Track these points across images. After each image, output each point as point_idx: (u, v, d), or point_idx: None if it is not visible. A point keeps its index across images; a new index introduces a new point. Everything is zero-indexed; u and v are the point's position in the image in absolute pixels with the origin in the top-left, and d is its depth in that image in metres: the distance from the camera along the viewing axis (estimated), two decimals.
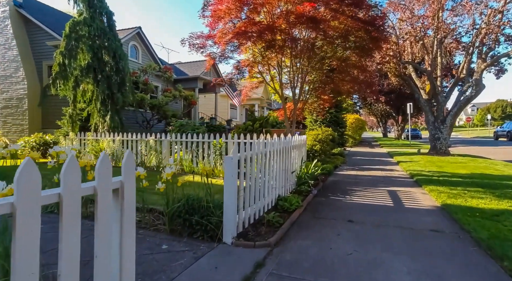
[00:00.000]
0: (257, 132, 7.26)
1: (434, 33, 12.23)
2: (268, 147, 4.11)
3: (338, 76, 7.60)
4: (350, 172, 8.46)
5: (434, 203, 4.84)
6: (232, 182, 2.99)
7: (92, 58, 9.10)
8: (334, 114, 14.22)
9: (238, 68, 7.99)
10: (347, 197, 5.27)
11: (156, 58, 15.83)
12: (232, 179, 2.99)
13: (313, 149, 9.41)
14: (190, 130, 8.17)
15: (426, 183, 6.40)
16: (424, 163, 10.17)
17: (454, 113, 12.39)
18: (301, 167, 6.03)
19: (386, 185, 6.43)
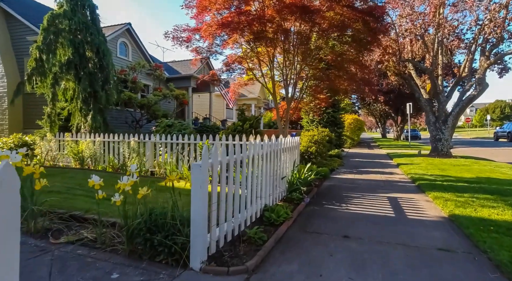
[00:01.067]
0: (247, 134, 6.73)
1: (435, 30, 11.74)
2: (251, 150, 3.58)
3: (334, 73, 7.06)
4: (347, 176, 7.94)
5: (441, 213, 4.32)
6: (202, 194, 2.45)
7: (73, 54, 8.54)
8: (332, 115, 13.71)
9: (228, 65, 7.45)
10: (343, 206, 4.74)
11: (147, 56, 15.28)
12: (201, 191, 2.45)
13: (308, 151, 8.90)
14: (176, 131, 7.63)
15: (430, 188, 5.88)
16: (426, 165, 9.66)
17: (456, 113, 11.90)
18: (293, 171, 5.50)
19: (386, 191, 5.91)
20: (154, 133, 7.40)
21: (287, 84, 7.14)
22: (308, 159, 8.96)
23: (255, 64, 7.44)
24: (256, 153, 3.75)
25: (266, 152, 4.09)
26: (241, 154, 3.31)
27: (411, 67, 13.85)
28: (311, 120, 13.97)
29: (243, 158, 3.35)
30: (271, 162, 4.28)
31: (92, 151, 7.44)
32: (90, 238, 2.93)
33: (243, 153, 3.35)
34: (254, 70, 7.61)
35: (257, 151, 3.79)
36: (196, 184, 2.45)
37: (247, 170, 3.44)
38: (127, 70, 12.45)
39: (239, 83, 7.95)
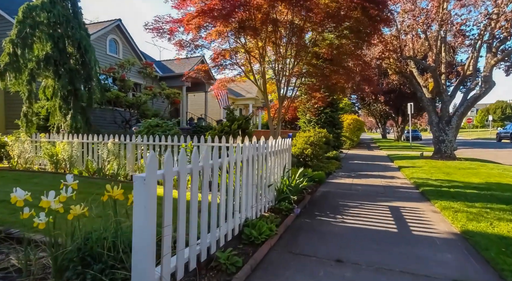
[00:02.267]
0: (234, 135, 6.15)
1: (439, 26, 11.15)
2: (226, 156, 3.00)
3: (330, 68, 6.45)
4: (345, 180, 7.35)
5: (451, 228, 3.73)
6: (147, 216, 1.87)
7: (53, 49, 7.96)
8: (330, 114, 13.13)
9: (214, 60, 6.85)
10: (338, 218, 4.15)
11: (139, 53, 14.70)
12: (145, 211, 1.86)
13: (303, 153, 8.32)
14: (160, 131, 7.05)
15: (436, 196, 5.29)
16: (429, 168, 9.07)
17: (461, 113, 11.31)
18: (283, 177, 4.92)
19: (387, 198, 5.32)
20: (136, 134, 6.83)
21: (279, 81, 6.55)
22: (304, 161, 8.39)
23: (241, 59, 6.84)
24: (234, 159, 3.17)
25: (248, 157, 3.51)
26: (211, 161, 2.73)
27: (413, 65, 13.27)
28: (308, 120, 13.38)
29: (214, 166, 2.77)
30: (254, 168, 3.70)
31: (69, 153, 6.86)
32: (18, 267, 2.34)
33: (214, 160, 2.77)
34: (243, 67, 7.01)
35: (236, 156, 3.21)
36: (139, 204, 1.87)
37: (219, 179, 2.86)
38: (116, 68, 11.87)
39: (225, 80, 7.35)
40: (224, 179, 2.95)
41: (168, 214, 2.08)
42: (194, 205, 2.45)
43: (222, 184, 2.91)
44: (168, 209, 2.09)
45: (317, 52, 6.38)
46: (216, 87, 7.60)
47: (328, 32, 6.21)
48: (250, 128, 6.70)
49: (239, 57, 6.72)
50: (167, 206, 2.07)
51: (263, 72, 6.65)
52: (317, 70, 6.47)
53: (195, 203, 2.46)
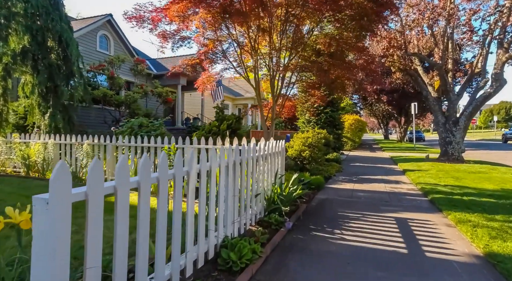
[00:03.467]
0: (223, 136, 5.57)
1: (446, 21, 10.52)
2: (195, 163, 2.41)
3: (329, 61, 5.82)
4: (345, 185, 6.75)
5: (471, 248, 3.12)
6: (53, 255, 1.28)
7: (30, 42, 7.41)
8: (330, 114, 12.51)
9: (201, 53, 6.25)
10: (337, 233, 3.55)
11: (132, 50, 14.15)
12: (49, 248, 1.27)
13: (301, 156, 7.72)
14: (144, 132, 6.47)
15: (448, 205, 4.68)
16: (436, 172, 8.45)
17: (469, 113, 10.66)
18: (274, 184, 4.32)
19: (392, 208, 4.71)
20: (116, 134, 6.25)
21: (273, 76, 5.95)
22: (301, 164, 7.79)
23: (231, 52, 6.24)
24: (206, 167, 2.58)
25: (228, 163, 2.92)
26: (171, 171, 2.14)
27: (418, 63, 12.63)
28: (307, 120, 12.78)
29: (176, 177, 2.18)
30: (237, 177, 3.11)
31: (43, 155, 6.29)
32: None
33: (176, 169, 2.18)
34: (233, 60, 6.41)
35: (208, 164, 2.62)
36: (40, 237, 1.27)
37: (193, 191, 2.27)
38: (106, 64, 11.30)
39: (210, 74, 6.73)
40: (191, 193, 2.35)
41: (93, 247, 1.48)
42: (143, 229, 1.85)
43: (188, 198, 2.31)
44: (94, 241, 1.49)
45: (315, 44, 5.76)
46: (200, 83, 6.95)
47: (327, 22, 5.60)
48: (242, 128, 6.12)
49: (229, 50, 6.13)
50: (91, 236, 1.47)
51: (255, 65, 6.03)
52: (314, 64, 5.81)
53: (145, 227, 1.86)
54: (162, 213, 2.02)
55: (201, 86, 6.99)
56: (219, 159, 2.78)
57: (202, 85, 6.93)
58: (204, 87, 6.96)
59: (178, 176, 2.19)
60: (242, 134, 6.03)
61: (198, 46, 6.12)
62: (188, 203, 2.32)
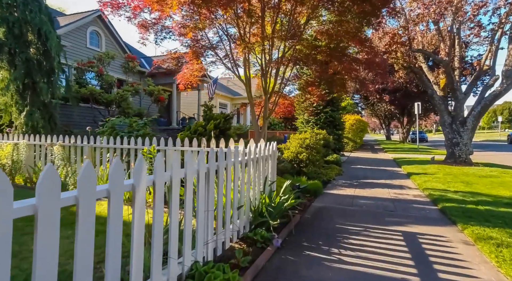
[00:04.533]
0: (210, 137, 5.01)
1: (453, 15, 9.93)
2: (145, 174, 1.85)
3: (325, 51, 5.21)
4: (345, 191, 6.17)
5: (500, 277, 2.54)
6: None
7: (7, 35, 6.89)
8: (330, 114, 11.93)
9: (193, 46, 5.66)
10: (334, 253, 2.98)
11: (124, 48, 13.61)
12: None
13: (298, 158, 7.16)
14: (126, 131, 5.92)
15: (462, 217, 4.10)
16: (444, 176, 7.86)
17: (477, 113, 10.06)
18: (263, 193, 3.75)
19: (398, 219, 4.14)
20: (97, 134, 5.71)
21: (265, 70, 5.36)
22: (298, 167, 7.23)
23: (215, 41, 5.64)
24: (164, 178, 2.02)
25: (198, 171, 2.36)
26: (130, 181, 1.61)
27: (422, 60, 12.04)
28: (306, 120, 12.20)
29: (136, 188, 1.63)
30: (211, 187, 2.54)
31: (15, 158, 5.76)
32: None
33: (135, 179, 1.63)
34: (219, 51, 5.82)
35: (168, 174, 2.06)
36: None
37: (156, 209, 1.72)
38: (95, 61, 10.77)
39: (193, 69, 6.11)
40: (138, 210, 1.79)
41: None
42: (113, 249, 1.28)
43: (134, 219, 1.75)
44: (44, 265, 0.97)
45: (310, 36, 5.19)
46: (181, 78, 6.32)
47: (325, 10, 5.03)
48: (231, 129, 5.56)
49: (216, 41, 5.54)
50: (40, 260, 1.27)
51: (245, 57, 5.43)
52: (310, 56, 5.20)
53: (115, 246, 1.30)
54: (113, 237, 1.46)
55: (182, 82, 6.37)
56: (185, 168, 2.22)
57: (184, 81, 6.30)
58: (187, 83, 6.34)
59: (140, 188, 1.64)
60: (232, 135, 5.48)
61: (176, 34, 5.51)
62: (134, 230, 1.75)
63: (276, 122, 27.37)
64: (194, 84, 6.37)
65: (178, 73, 6.38)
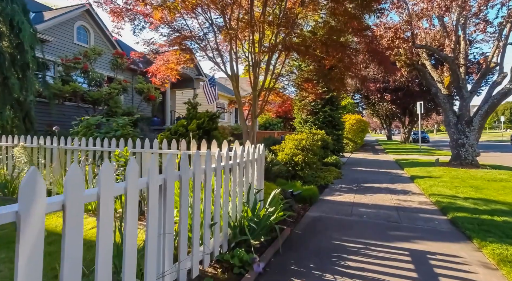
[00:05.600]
0: (193, 138, 4.46)
1: (460, 8, 9.37)
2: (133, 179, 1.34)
3: (321, 40, 4.61)
4: (344, 196, 5.62)
5: None
6: None
7: None
8: (329, 113, 11.37)
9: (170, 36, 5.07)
10: (328, 280, 2.43)
11: (115, 44, 13.06)
12: None
13: (293, 161, 6.60)
14: (103, 132, 5.38)
15: (477, 230, 3.56)
16: (450, 180, 7.30)
17: (484, 112, 9.50)
18: (247, 204, 3.20)
19: (403, 233, 3.59)
20: (71, 134, 5.16)
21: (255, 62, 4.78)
22: (293, 171, 6.68)
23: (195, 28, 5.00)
24: (99, 195, 1.48)
25: (147, 184, 1.82)
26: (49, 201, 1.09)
27: (426, 57, 11.48)
28: (304, 120, 11.65)
29: (100, 198, 1.11)
30: (167, 204, 2.00)
31: None
32: None
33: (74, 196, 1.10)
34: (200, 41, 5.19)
35: (96, 190, 1.51)
36: None
37: None
38: (81, 58, 10.23)
39: (168, 60, 5.47)
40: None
41: None
42: None
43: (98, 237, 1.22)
44: None
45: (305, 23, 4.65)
46: (154, 70, 5.65)
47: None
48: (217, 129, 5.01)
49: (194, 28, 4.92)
50: None
51: (231, 47, 4.82)
52: (302, 45, 4.61)
53: None
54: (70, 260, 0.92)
55: (159, 76, 5.73)
56: (127, 180, 1.67)
57: (160, 75, 5.65)
58: (164, 78, 5.71)
59: (106, 199, 1.10)
60: (218, 137, 4.93)
61: (143, 17, 4.90)
62: (99, 248, 1.21)
63: (275, 122, 26.79)
64: (173, 79, 5.78)
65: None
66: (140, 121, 11.16)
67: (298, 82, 6.31)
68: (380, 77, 22.64)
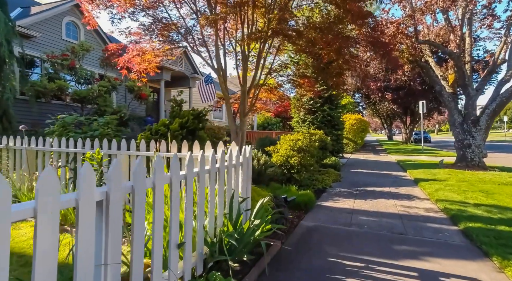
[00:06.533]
0: (175, 139, 4.00)
1: (465, 1, 8.90)
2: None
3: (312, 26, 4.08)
4: (343, 202, 5.16)
5: None
6: None
7: None
8: (328, 112, 10.90)
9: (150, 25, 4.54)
10: None
11: (106, 40, 12.59)
12: None
13: (288, 163, 6.15)
14: (79, 132, 4.93)
15: (495, 245, 3.10)
16: (457, 183, 6.84)
17: (492, 111, 9.03)
18: (229, 215, 2.74)
19: (410, 248, 3.13)
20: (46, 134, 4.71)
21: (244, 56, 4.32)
22: (288, 174, 6.22)
23: None
24: None
25: (79, 201, 1.36)
26: None
27: (429, 54, 11.01)
28: (302, 119, 11.19)
29: None
30: (112, 223, 1.54)
31: None
32: None
33: None
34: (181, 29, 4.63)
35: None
36: None
37: None
38: (69, 54, 9.77)
39: (141, 51, 4.86)
40: None
41: None
42: None
43: None
44: None
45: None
46: (124, 62, 5.07)
47: None
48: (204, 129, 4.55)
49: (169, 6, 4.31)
50: None
51: (216, 32, 4.31)
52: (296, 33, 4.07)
53: None
54: None
55: (134, 69, 5.13)
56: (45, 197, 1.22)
57: (135, 68, 5.06)
58: (141, 72, 5.13)
59: None
60: (204, 137, 4.47)
61: None
62: None
63: (274, 122, 26.31)
64: (152, 73, 5.29)
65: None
66: (131, 121, 10.72)
67: (293, 78, 5.85)
68: (381, 75, 22.18)
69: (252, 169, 5.78)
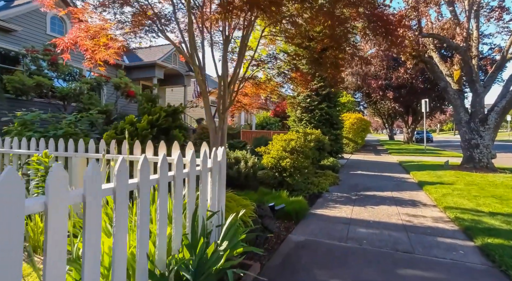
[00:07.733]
0: (144, 139, 3.43)
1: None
2: None
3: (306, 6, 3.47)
4: (340, 210, 4.57)
5: None
6: None
7: None
8: (326, 111, 10.30)
9: None
10: None
11: None
12: None
13: (280, 165, 5.57)
14: (39, 131, 4.36)
15: None
16: (466, 187, 6.25)
17: (502, 108, 8.42)
18: (188, 236, 2.15)
19: (419, 272, 2.56)
20: (5, 133, 4.16)
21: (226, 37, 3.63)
22: (280, 177, 5.64)
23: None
24: None
25: None
26: None
27: (434, 48, 10.40)
28: (298, 118, 10.60)
29: None
30: None
31: None
32: None
33: None
34: None
35: None
36: None
37: None
38: (52, 49, 9.21)
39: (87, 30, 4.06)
40: None
41: None
42: None
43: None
44: None
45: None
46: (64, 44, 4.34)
47: None
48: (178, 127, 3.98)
49: None
50: None
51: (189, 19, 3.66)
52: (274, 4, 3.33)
53: None
54: None
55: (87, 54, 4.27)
56: None
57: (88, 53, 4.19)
58: (95, 59, 4.30)
59: None
60: (179, 137, 3.90)
61: None
62: None
63: (272, 121, 25.72)
64: (111, 61, 4.65)
65: None
66: (117, 120, 10.16)
67: (284, 71, 5.28)
68: (382, 74, 21.57)
69: (239, 173, 5.21)
